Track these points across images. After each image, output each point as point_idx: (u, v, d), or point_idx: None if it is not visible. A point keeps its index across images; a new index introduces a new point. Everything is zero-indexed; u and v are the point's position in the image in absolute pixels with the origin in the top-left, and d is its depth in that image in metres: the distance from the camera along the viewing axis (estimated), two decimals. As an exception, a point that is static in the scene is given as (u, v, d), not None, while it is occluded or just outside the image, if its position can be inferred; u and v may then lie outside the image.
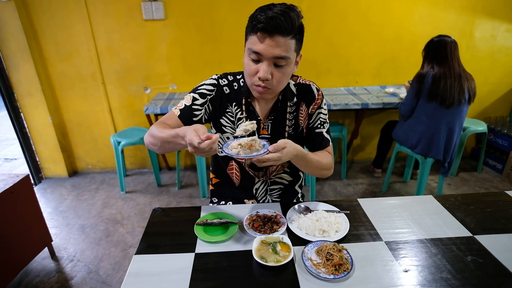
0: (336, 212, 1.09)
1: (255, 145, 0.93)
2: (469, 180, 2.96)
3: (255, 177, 1.23)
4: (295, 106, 1.14)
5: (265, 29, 0.89)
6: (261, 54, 0.92)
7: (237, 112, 1.13)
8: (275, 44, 0.90)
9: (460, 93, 2.09)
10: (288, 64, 0.96)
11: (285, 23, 0.88)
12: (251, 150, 0.92)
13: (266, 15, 0.88)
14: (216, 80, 1.14)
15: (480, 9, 2.81)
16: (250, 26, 0.94)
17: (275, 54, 0.91)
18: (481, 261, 0.88)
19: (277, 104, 1.12)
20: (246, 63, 0.98)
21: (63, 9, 2.64)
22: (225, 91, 1.13)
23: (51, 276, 1.93)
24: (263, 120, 1.14)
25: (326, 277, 0.82)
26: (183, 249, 0.94)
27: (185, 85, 2.97)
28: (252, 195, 1.27)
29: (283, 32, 0.90)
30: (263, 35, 0.90)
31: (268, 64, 0.93)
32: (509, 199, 1.18)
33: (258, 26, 0.89)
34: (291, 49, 0.94)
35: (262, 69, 0.94)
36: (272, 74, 0.95)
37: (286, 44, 0.92)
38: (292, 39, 0.93)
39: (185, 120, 1.12)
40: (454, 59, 2.10)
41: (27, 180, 1.82)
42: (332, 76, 3.03)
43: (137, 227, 2.37)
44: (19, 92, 2.81)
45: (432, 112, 2.18)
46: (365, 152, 3.38)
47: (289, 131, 1.15)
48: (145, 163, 3.28)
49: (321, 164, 1.10)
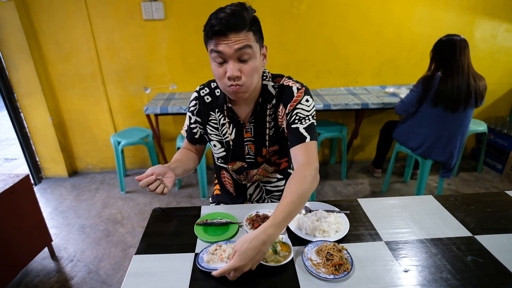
0: (336, 212, 1.09)
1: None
2: (469, 180, 2.96)
3: (239, 180, 1.26)
4: (274, 108, 1.13)
5: (219, 32, 0.90)
6: (223, 53, 0.93)
7: (220, 118, 1.14)
8: (232, 41, 0.91)
9: (466, 98, 2.01)
10: (252, 56, 0.95)
11: (235, 21, 0.89)
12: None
13: (217, 18, 0.90)
14: (197, 93, 1.17)
15: (480, 9, 2.81)
16: (206, 34, 0.95)
17: (235, 48, 0.92)
18: (481, 261, 0.88)
19: (256, 107, 1.11)
20: (213, 70, 0.99)
21: (63, 9, 2.64)
22: (206, 100, 1.15)
23: (51, 276, 1.93)
24: (246, 123, 1.13)
25: (326, 277, 0.82)
26: (183, 249, 0.95)
27: (185, 85, 2.98)
28: (247, 200, 1.30)
29: (236, 29, 0.91)
30: (219, 37, 0.92)
31: (233, 61, 0.94)
32: (509, 199, 1.18)
33: (211, 31, 0.91)
34: (250, 40, 0.94)
35: (229, 68, 0.94)
36: (240, 70, 0.95)
37: (243, 38, 0.92)
38: (248, 32, 0.93)
39: (193, 141, 1.24)
40: (463, 60, 1.98)
41: (27, 180, 1.82)
42: (332, 76, 3.03)
43: (137, 227, 2.37)
44: (19, 92, 2.81)
45: (436, 117, 2.12)
46: (365, 152, 3.37)
47: (270, 133, 1.14)
48: (145, 163, 3.28)
49: (303, 192, 0.89)
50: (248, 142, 1.15)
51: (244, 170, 1.21)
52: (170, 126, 3.12)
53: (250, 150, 1.16)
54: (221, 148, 1.18)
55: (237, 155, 1.18)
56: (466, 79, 2.00)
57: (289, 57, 2.90)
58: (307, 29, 2.81)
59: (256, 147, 1.16)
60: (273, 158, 1.20)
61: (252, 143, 1.15)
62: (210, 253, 0.90)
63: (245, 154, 1.17)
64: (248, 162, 1.19)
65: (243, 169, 1.20)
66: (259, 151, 1.17)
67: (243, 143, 1.15)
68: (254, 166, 1.20)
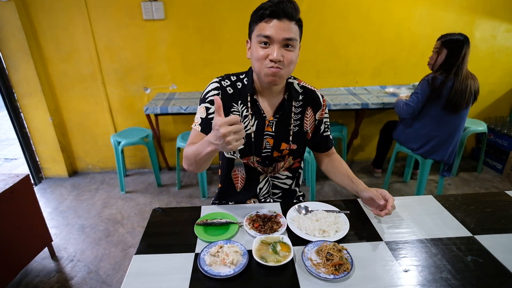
0: (336, 212, 1.09)
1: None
2: (469, 180, 2.96)
3: (264, 173, 1.23)
4: (301, 108, 1.16)
5: (273, 13, 0.95)
6: (271, 37, 0.96)
7: (243, 109, 1.14)
8: (284, 27, 0.95)
9: (468, 98, 2.04)
10: (295, 47, 1.00)
11: (291, 8, 0.95)
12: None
13: (272, 2, 0.95)
14: (218, 83, 1.14)
15: (480, 9, 2.81)
16: (257, 15, 0.99)
17: (284, 36, 0.96)
18: (481, 261, 0.88)
19: (283, 103, 1.14)
20: (254, 51, 1.01)
21: (63, 9, 2.64)
22: (228, 91, 1.14)
23: (51, 276, 1.93)
24: (269, 117, 1.14)
25: (326, 277, 0.82)
26: (183, 249, 0.94)
27: (185, 85, 2.98)
28: (255, 194, 1.27)
29: (290, 16, 0.96)
30: (272, 20, 0.96)
31: (278, 46, 0.97)
32: (509, 199, 1.18)
33: (266, 12, 0.95)
34: (296, 33, 0.99)
35: (274, 51, 0.97)
36: (282, 56, 0.98)
37: (292, 28, 0.97)
38: (296, 25, 0.99)
39: (208, 132, 1.11)
40: (466, 61, 2.02)
41: (27, 180, 1.82)
42: (332, 76, 3.03)
43: (137, 227, 2.37)
44: (19, 92, 2.81)
45: (438, 117, 2.13)
46: (365, 152, 3.38)
47: (294, 130, 1.17)
48: (145, 163, 3.28)
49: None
50: (267, 136, 1.15)
51: (272, 163, 1.20)
52: (170, 126, 3.12)
53: (267, 144, 1.16)
54: None
55: (256, 149, 1.17)
56: (466, 80, 2.02)
57: (289, 57, 2.89)
58: (307, 29, 2.78)
59: (275, 142, 1.16)
60: (289, 158, 1.21)
61: (271, 137, 1.15)
62: (211, 255, 0.90)
63: (262, 148, 1.17)
64: (263, 156, 1.18)
65: (272, 160, 1.19)
66: (277, 145, 1.16)
67: (262, 137, 1.15)
68: (269, 160, 1.19)
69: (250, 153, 1.17)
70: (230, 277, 0.83)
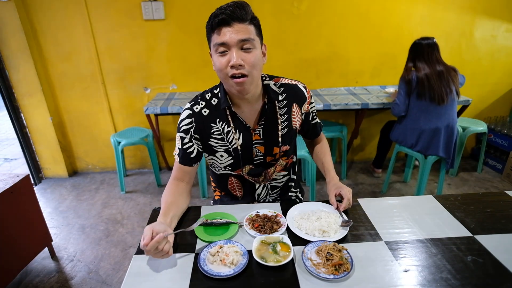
0: (342, 218, 1.09)
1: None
2: (469, 180, 2.96)
3: (256, 183, 1.23)
4: (286, 108, 1.13)
5: (222, 21, 0.93)
6: (226, 43, 0.94)
7: (223, 126, 1.11)
8: (235, 30, 0.94)
9: (447, 91, 2.18)
10: (254, 47, 0.97)
11: (238, 11, 0.93)
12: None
13: (221, 9, 0.94)
14: (190, 110, 1.11)
15: (480, 9, 2.81)
16: (209, 27, 0.98)
17: (239, 38, 0.94)
18: (481, 261, 0.88)
19: (264, 107, 1.10)
20: (215, 61, 0.99)
21: (63, 9, 2.64)
22: (203, 114, 1.10)
23: (51, 276, 1.93)
24: (253, 126, 1.12)
25: (326, 277, 0.82)
26: (183, 249, 0.94)
27: (185, 85, 2.98)
28: (254, 200, 1.28)
29: (240, 19, 0.94)
30: (222, 27, 0.94)
31: (236, 50, 0.95)
32: (509, 199, 1.18)
33: (215, 21, 0.94)
34: (252, 33, 0.96)
35: (232, 56, 0.95)
36: (243, 60, 0.95)
37: (246, 29, 0.95)
38: (250, 25, 0.96)
39: (187, 163, 1.14)
40: (431, 52, 2.20)
41: (27, 180, 1.82)
42: (332, 76, 3.03)
43: (137, 227, 2.37)
44: (19, 92, 2.81)
45: (425, 108, 2.24)
46: (365, 152, 3.37)
47: (282, 132, 1.15)
48: (145, 163, 3.28)
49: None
50: (256, 145, 1.14)
51: (262, 172, 1.19)
52: (170, 126, 3.12)
53: (258, 152, 1.15)
54: (229, 156, 1.15)
55: (246, 160, 1.16)
56: (435, 67, 2.19)
57: (289, 57, 2.90)
58: (307, 29, 2.81)
59: (266, 148, 1.15)
60: (282, 159, 1.21)
61: (261, 145, 1.14)
62: (211, 255, 0.90)
63: (253, 156, 1.15)
64: (255, 164, 1.18)
65: (259, 170, 1.19)
66: (269, 151, 1.15)
67: (251, 146, 1.13)
68: (262, 166, 1.19)
69: (239, 166, 1.17)
70: (230, 277, 0.83)
